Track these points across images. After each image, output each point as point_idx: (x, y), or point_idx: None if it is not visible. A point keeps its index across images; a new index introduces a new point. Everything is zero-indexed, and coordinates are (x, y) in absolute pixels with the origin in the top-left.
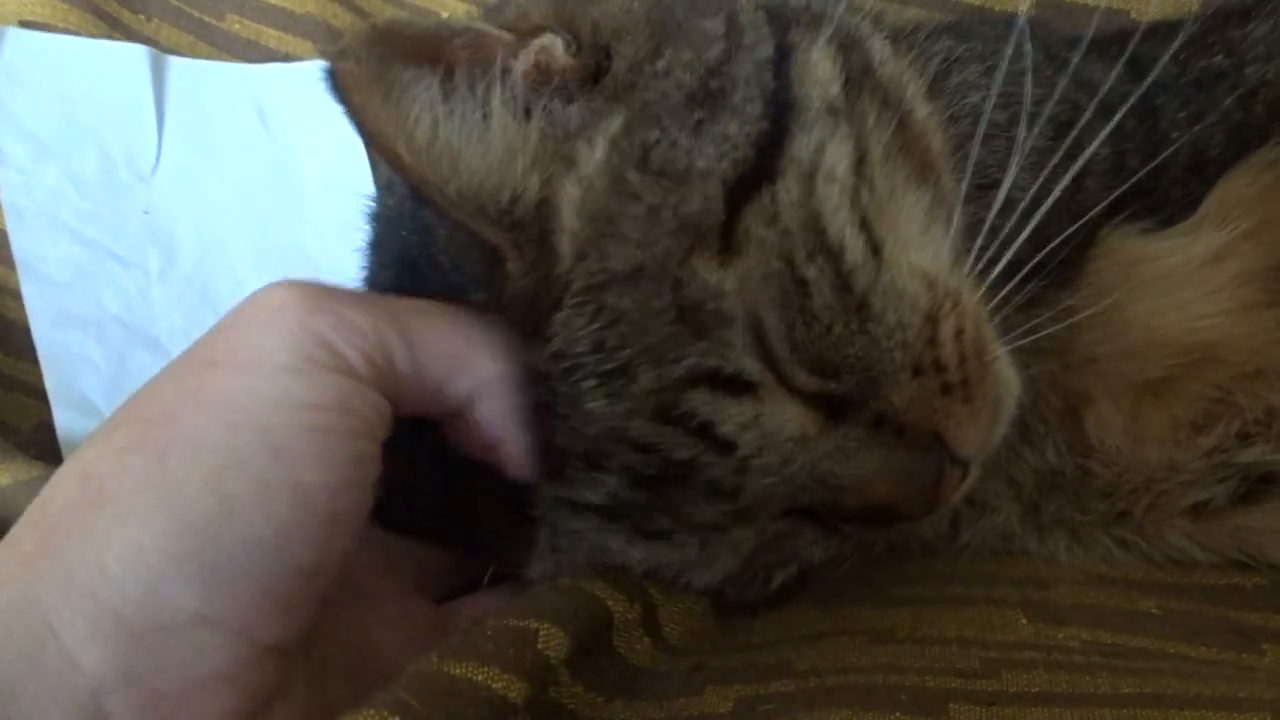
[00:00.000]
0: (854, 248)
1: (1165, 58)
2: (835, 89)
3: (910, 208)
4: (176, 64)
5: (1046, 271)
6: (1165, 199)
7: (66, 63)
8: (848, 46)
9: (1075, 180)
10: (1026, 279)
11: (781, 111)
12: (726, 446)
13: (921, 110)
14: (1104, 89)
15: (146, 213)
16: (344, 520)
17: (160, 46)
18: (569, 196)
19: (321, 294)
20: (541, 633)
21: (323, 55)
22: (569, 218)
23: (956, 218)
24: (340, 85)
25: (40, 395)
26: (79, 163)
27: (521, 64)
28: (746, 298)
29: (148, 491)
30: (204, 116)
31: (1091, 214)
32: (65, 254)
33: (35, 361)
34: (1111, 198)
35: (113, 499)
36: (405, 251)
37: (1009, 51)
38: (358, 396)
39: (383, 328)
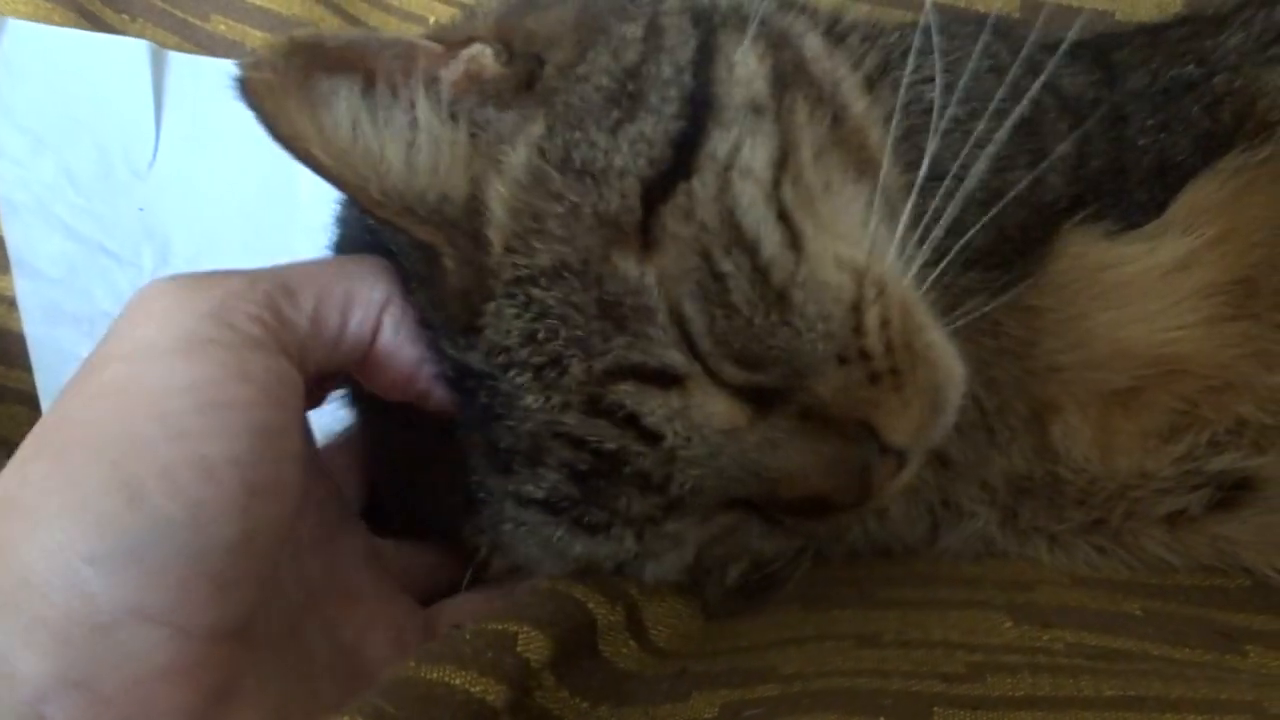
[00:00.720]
0: (770, 241)
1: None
2: (760, 86)
3: (848, 202)
4: (177, 59)
5: (1007, 262)
6: (1130, 201)
7: (66, 56)
8: (778, 45)
9: (1036, 175)
10: (985, 267)
11: (700, 111)
12: (653, 438)
13: (857, 105)
14: (1071, 94)
15: (141, 210)
16: (265, 493)
17: None
18: (497, 194)
19: (199, 277)
20: (521, 636)
21: (236, 65)
22: (498, 213)
23: (907, 207)
24: (250, 92)
25: (34, 403)
26: (75, 157)
27: (451, 73)
28: (667, 292)
29: (53, 494)
30: (202, 114)
31: (1051, 208)
32: (59, 249)
33: (28, 369)
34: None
35: (22, 509)
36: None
37: (975, 48)
38: (252, 364)
39: (265, 288)
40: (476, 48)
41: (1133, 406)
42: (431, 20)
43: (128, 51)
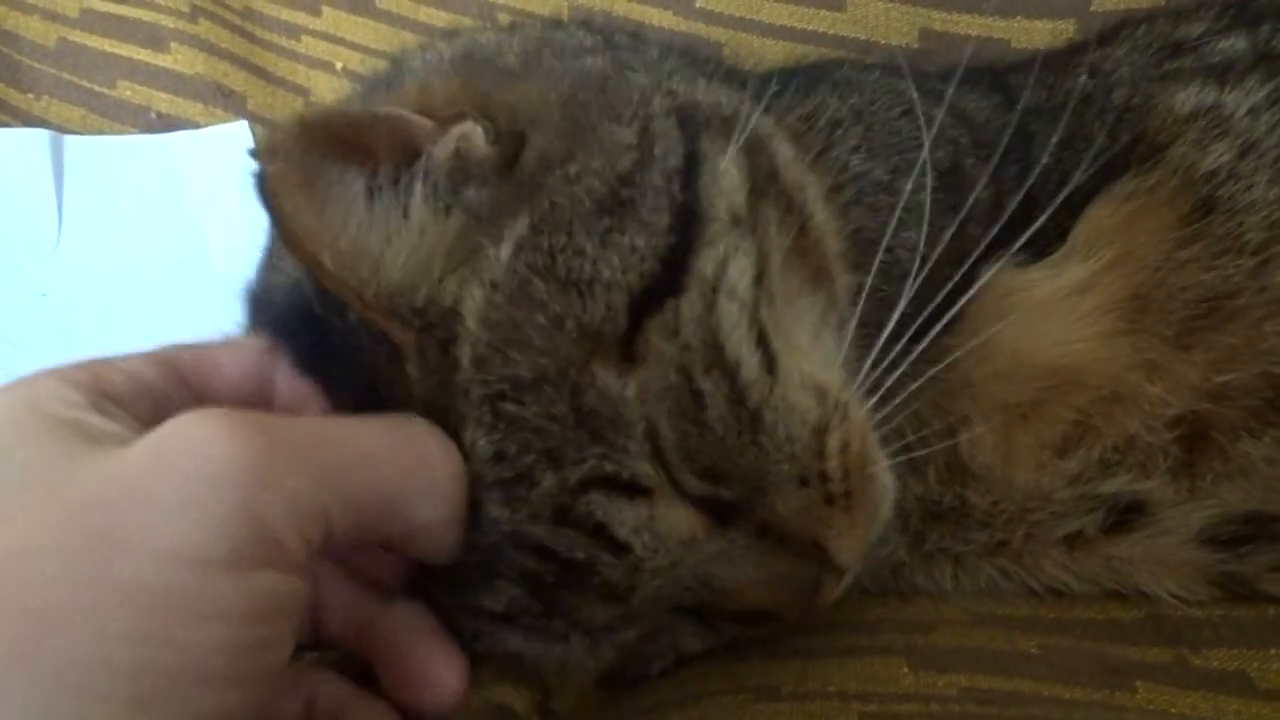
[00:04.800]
0: (750, 364)
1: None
2: (740, 198)
3: (804, 313)
4: (72, 142)
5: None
6: (1038, 229)
7: None
8: (754, 150)
9: (958, 227)
10: (911, 338)
11: (687, 224)
12: (622, 549)
13: (820, 214)
14: (979, 121)
15: (44, 295)
16: None
17: (50, 125)
18: (474, 301)
19: (264, 458)
20: None
21: (251, 154)
22: (473, 324)
23: (850, 313)
24: (269, 191)
25: None
26: None
27: (441, 151)
28: (646, 406)
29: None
30: (105, 193)
31: (970, 255)
32: None
33: None
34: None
35: None
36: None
37: (894, 112)
38: (289, 594)
39: (325, 497)
40: (468, 125)
41: (1031, 419)
42: (339, 66)
43: (28, 142)
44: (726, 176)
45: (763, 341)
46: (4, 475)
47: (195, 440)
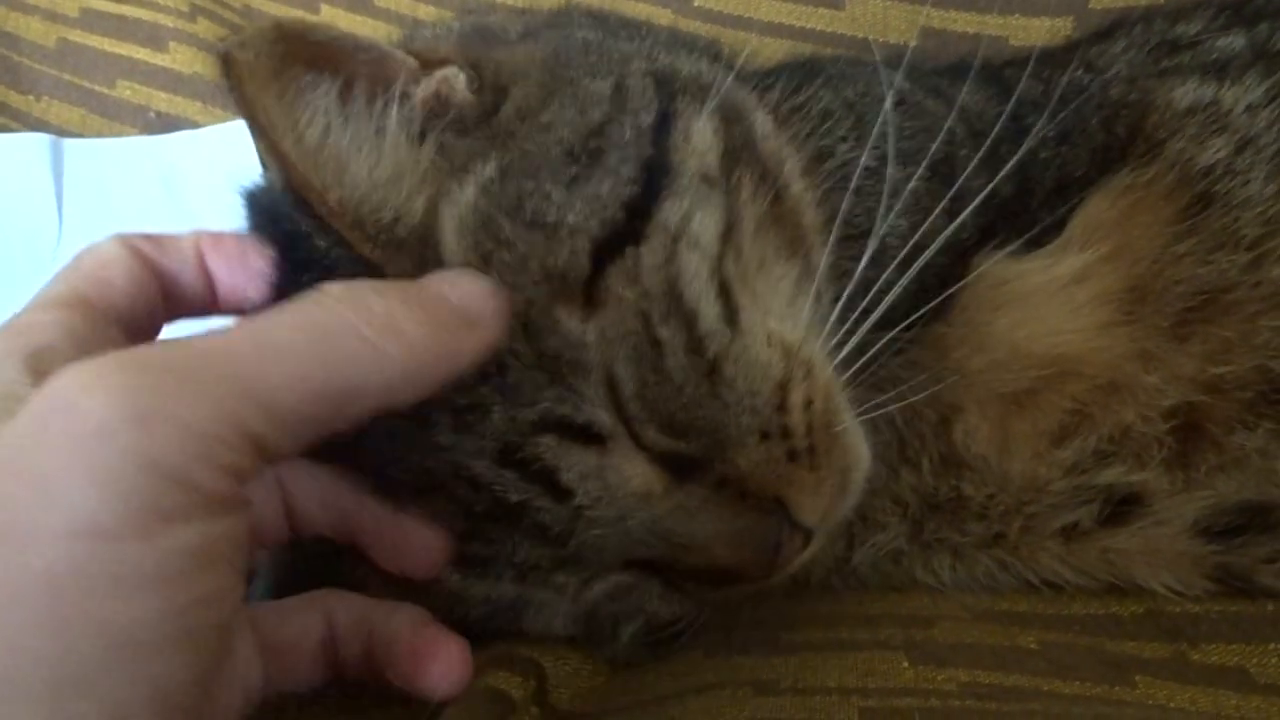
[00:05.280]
0: (708, 314)
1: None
2: (712, 159)
3: (778, 279)
4: (71, 146)
5: (920, 310)
6: (1033, 221)
7: None
8: (731, 119)
9: (952, 218)
10: (900, 325)
11: (655, 177)
12: (564, 494)
13: (797, 185)
14: (974, 111)
15: None
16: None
17: (50, 126)
18: (450, 225)
19: (148, 394)
20: None
21: (221, 45)
22: (450, 243)
23: (827, 287)
24: (234, 74)
25: None
26: None
27: (422, 91)
28: (604, 352)
29: None
30: (105, 194)
31: (964, 245)
32: None
33: None
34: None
35: None
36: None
37: (887, 98)
38: (220, 539)
39: (239, 412)
40: (451, 70)
41: (1028, 407)
42: None
43: (29, 146)
44: (698, 136)
45: (725, 294)
46: None
47: (68, 398)
